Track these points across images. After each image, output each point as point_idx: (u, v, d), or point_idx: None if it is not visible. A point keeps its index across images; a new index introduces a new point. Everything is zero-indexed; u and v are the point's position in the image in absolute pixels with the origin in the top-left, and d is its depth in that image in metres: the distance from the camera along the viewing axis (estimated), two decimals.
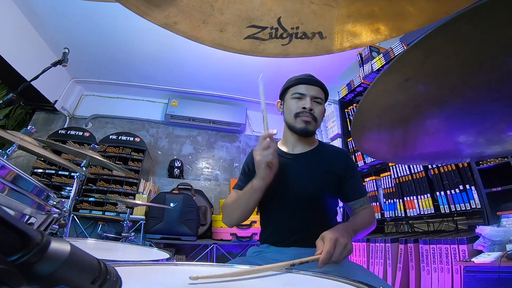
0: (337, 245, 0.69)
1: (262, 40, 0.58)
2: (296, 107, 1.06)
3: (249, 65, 3.44)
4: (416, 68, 0.40)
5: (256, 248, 1.07)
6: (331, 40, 0.58)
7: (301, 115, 1.04)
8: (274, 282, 0.54)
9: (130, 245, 1.32)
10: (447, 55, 0.37)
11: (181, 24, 0.56)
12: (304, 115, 1.04)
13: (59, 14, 2.82)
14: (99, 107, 4.15)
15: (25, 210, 0.53)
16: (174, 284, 0.48)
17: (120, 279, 0.23)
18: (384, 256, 1.84)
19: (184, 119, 4.14)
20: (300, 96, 1.06)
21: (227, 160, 4.36)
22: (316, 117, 1.05)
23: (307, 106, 1.03)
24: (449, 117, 0.50)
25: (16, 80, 2.92)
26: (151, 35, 3.01)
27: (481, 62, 0.37)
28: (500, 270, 1.09)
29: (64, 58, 1.66)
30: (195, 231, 3.16)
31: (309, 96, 1.05)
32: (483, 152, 0.61)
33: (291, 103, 1.08)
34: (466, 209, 1.66)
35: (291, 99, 1.08)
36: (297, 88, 1.07)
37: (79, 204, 3.19)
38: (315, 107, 1.05)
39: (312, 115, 1.04)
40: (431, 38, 0.34)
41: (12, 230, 0.17)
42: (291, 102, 1.07)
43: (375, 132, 0.55)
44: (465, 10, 0.30)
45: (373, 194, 2.35)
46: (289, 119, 1.08)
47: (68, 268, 0.18)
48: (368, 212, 1.00)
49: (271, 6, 0.55)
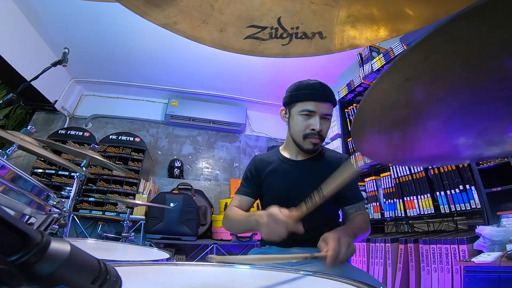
0: (341, 244, 0.69)
1: (262, 40, 0.58)
2: (304, 126, 1.01)
3: (250, 65, 3.44)
4: (416, 68, 0.40)
5: (257, 249, 1.07)
6: (331, 40, 0.58)
7: (310, 137, 1.01)
8: (274, 282, 0.54)
9: (130, 245, 1.32)
10: (448, 55, 0.37)
11: (181, 24, 0.56)
12: (313, 137, 1.00)
13: (59, 14, 2.82)
14: (99, 107, 4.15)
15: (25, 210, 0.53)
16: (174, 284, 0.48)
17: (120, 279, 0.23)
18: (384, 256, 1.84)
19: (184, 119, 4.14)
20: (309, 113, 1.00)
21: (227, 160, 4.36)
22: (323, 137, 1.02)
23: (316, 128, 0.99)
24: (448, 118, 0.50)
25: (16, 80, 2.91)
26: (151, 35, 3.01)
27: (482, 62, 0.37)
28: (500, 270, 1.09)
29: (64, 58, 1.66)
30: (195, 231, 3.15)
31: (318, 114, 1.00)
32: (482, 154, 0.61)
33: (298, 120, 1.02)
34: (466, 209, 1.66)
35: (299, 115, 1.02)
36: (306, 104, 1.01)
37: (79, 204, 3.19)
38: (324, 125, 1.02)
39: (320, 135, 1.01)
40: (433, 38, 0.34)
41: (12, 230, 0.17)
42: (299, 119, 1.02)
43: (375, 134, 0.55)
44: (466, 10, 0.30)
45: (373, 194, 2.35)
46: (296, 137, 1.04)
47: (68, 268, 0.18)
48: (363, 218, 0.99)
49: (271, 6, 0.55)
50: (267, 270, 0.61)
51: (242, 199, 1.12)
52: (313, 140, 1.01)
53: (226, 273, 0.60)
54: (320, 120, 1.00)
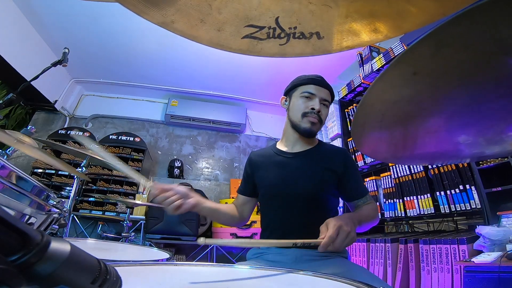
0: (340, 232, 0.70)
1: (259, 40, 0.58)
2: (304, 106, 1.05)
3: (249, 65, 3.44)
4: (426, 61, 0.38)
5: (256, 249, 1.06)
6: (329, 40, 0.58)
7: (308, 115, 1.04)
8: (274, 282, 0.54)
9: (130, 245, 1.32)
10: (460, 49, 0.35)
11: (179, 23, 0.56)
12: (312, 116, 1.03)
13: (59, 14, 2.82)
14: (99, 107, 4.15)
15: (25, 210, 0.53)
16: (174, 284, 0.48)
17: (120, 279, 0.23)
18: (384, 256, 1.84)
19: (184, 119, 4.14)
20: (310, 96, 1.05)
21: (227, 160, 4.36)
22: (322, 119, 1.05)
23: (316, 107, 1.02)
24: (450, 115, 0.49)
25: (16, 80, 2.92)
26: (152, 35, 3.01)
27: (486, 60, 0.36)
28: (500, 270, 1.09)
29: (64, 58, 1.66)
30: (195, 231, 3.16)
31: (318, 97, 1.04)
32: (483, 152, 0.61)
33: (299, 101, 1.06)
34: (466, 209, 1.66)
35: (300, 97, 1.06)
36: (308, 87, 1.06)
37: (79, 204, 3.19)
38: (323, 109, 1.05)
39: (319, 117, 1.04)
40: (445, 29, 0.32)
41: (12, 230, 0.17)
42: (300, 100, 1.06)
43: (376, 130, 0.55)
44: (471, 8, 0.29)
45: (373, 194, 2.34)
46: (295, 117, 1.07)
47: (68, 268, 0.18)
48: (372, 206, 1.01)
49: (269, 6, 0.55)
50: (267, 270, 0.61)
51: (238, 197, 1.16)
52: (311, 119, 1.03)
53: (226, 273, 0.60)
54: (320, 103, 1.04)
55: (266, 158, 1.13)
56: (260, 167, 1.11)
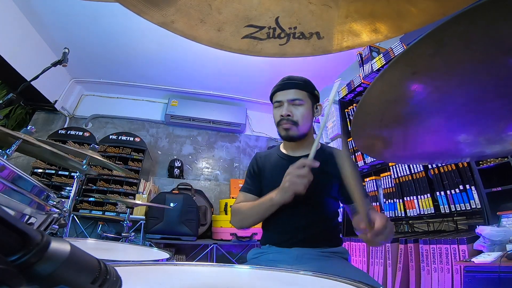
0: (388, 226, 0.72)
1: (259, 40, 0.58)
2: (277, 116, 1.08)
3: (250, 65, 3.44)
4: (425, 61, 0.38)
5: (257, 249, 1.06)
6: (329, 40, 0.58)
7: (281, 123, 1.06)
8: (274, 282, 0.54)
9: (130, 245, 1.32)
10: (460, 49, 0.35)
11: (179, 23, 0.56)
12: (283, 122, 1.05)
13: (59, 14, 2.82)
14: (99, 107, 4.15)
15: (25, 210, 0.53)
16: (174, 284, 0.48)
17: (120, 279, 0.23)
18: (384, 256, 1.84)
19: (184, 119, 4.14)
20: (279, 105, 1.08)
21: (227, 160, 4.36)
22: (296, 121, 1.05)
23: (283, 114, 1.05)
24: (450, 115, 0.49)
25: (16, 80, 2.92)
26: (152, 35, 3.01)
27: (486, 60, 0.36)
28: (500, 270, 1.09)
29: (64, 58, 1.66)
30: (195, 231, 3.16)
31: (285, 101, 1.06)
32: (483, 152, 0.61)
33: (274, 112, 1.11)
34: (466, 209, 1.66)
35: (274, 108, 1.11)
36: (275, 96, 1.10)
37: (79, 204, 3.19)
38: (295, 110, 1.05)
39: (291, 120, 1.04)
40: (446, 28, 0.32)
41: (12, 230, 0.17)
42: (274, 111, 1.11)
43: (376, 130, 0.55)
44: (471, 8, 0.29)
45: (373, 194, 2.34)
46: (276, 127, 1.11)
47: (68, 268, 0.18)
48: None
49: (269, 6, 0.55)
50: (267, 270, 0.61)
51: (246, 196, 1.14)
52: (284, 126, 1.06)
53: (226, 273, 0.60)
54: (288, 106, 1.05)
55: (271, 161, 1.15)
56: (266, 169, 1.13)
